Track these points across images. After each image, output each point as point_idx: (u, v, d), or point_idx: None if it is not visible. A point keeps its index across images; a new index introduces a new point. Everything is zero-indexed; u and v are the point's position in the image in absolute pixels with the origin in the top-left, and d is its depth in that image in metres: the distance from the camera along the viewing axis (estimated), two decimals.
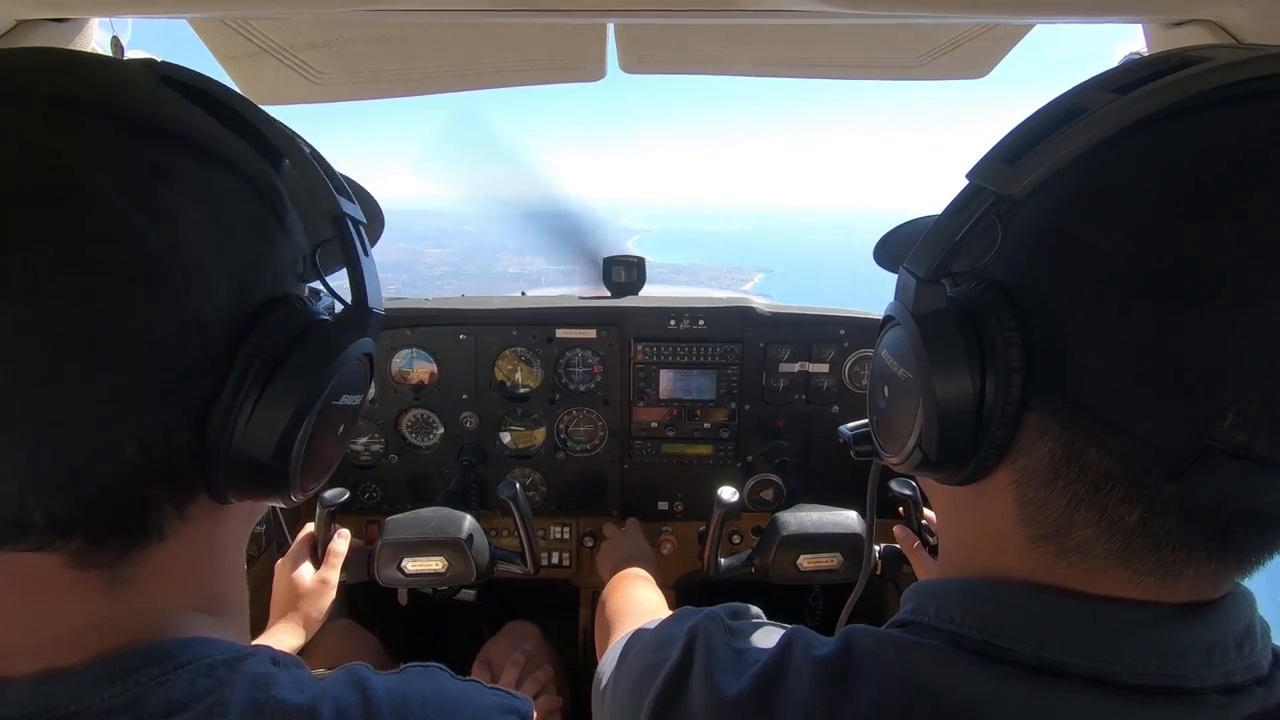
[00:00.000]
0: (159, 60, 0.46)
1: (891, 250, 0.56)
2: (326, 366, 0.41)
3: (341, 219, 0.44)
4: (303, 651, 1.11)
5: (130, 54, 0.84)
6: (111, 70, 0.40)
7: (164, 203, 0.36)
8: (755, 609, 0.57)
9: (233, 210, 0.39)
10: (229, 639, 0.42)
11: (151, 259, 0.34)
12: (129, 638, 0.38)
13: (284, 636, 1.05)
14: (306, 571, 1.10)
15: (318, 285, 0.48)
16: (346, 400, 0.44)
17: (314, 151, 0.46)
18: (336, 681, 0.43)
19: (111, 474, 0.35)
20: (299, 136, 0.46)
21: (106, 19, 0.78)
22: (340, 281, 0.47)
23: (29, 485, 0.34)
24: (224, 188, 0.39)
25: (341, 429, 0.46)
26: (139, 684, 0.36)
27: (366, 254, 0.46)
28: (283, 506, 0.45)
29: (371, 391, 0.51)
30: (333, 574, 1.10)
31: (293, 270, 0.44)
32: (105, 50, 0.81)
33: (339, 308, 0.46)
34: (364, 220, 0.47)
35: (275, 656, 0.42)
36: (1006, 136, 0.39)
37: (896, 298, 0.43)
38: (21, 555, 0.35)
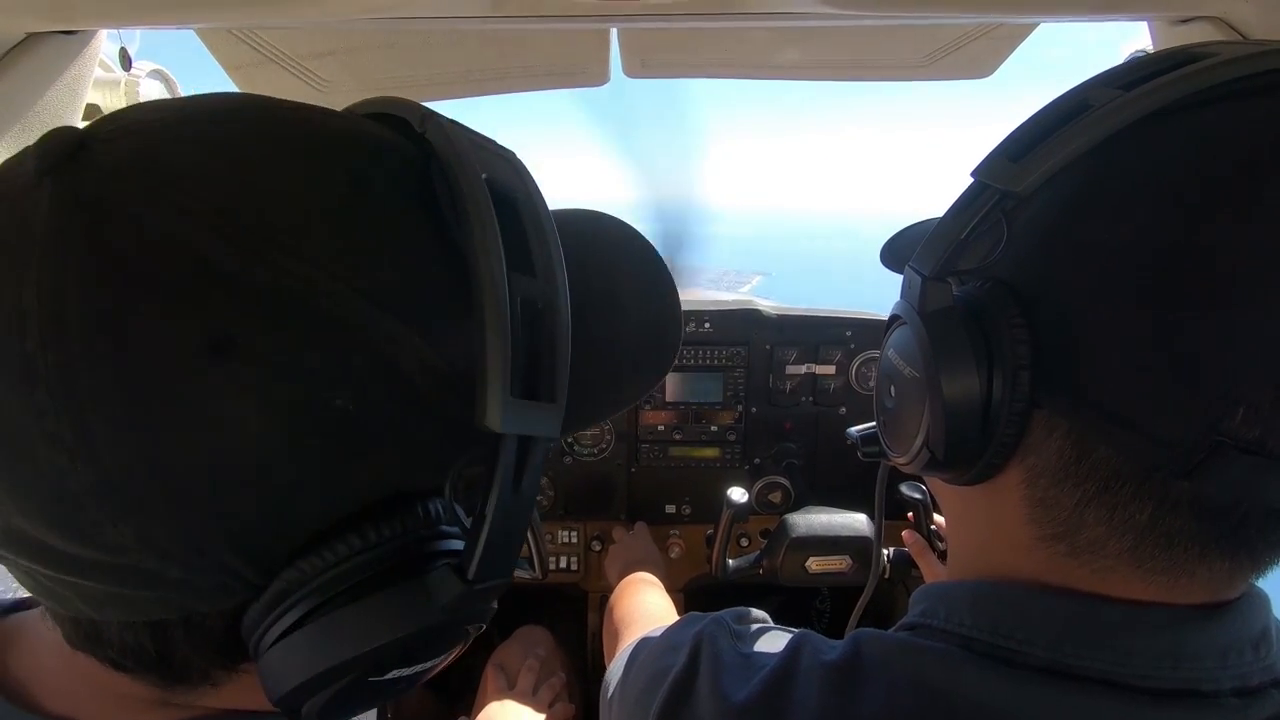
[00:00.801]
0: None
1: (898, 252, 0.56)
2: (361, 644, 0.29)
3: (496, 441, 0.29)
4: None
5: (138, 65, 0.85)
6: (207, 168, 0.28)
7: (214, 399, 0.26)
8: (761, 613, 0.56)
9: (319, 410, 0.28)
10: None
11: (165, 475, 0.26)
12: (206, 712, 0.36)
13: None
14: None
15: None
16: (405, 672, 0.33)
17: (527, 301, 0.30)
18: None
19: (130, 634, 0.31)
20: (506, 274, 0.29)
21: (115, 30, 0.79)
22: None
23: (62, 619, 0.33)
24: (316, 378, 0.28)
25: (402, 685, 0.34)
26: None
27: (520, 490, 0.30)
28: None
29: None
30: None
31: (438, 471, 0.32)
32: (113, 62, 0.82)
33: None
34: (552, 433, 0.31)
35: None
36: (1011, 134, 0.38)
37: (902, 297, 0.42)
38: None
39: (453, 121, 0.33)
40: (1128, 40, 0.80)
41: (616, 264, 0.43)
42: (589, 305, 0.38)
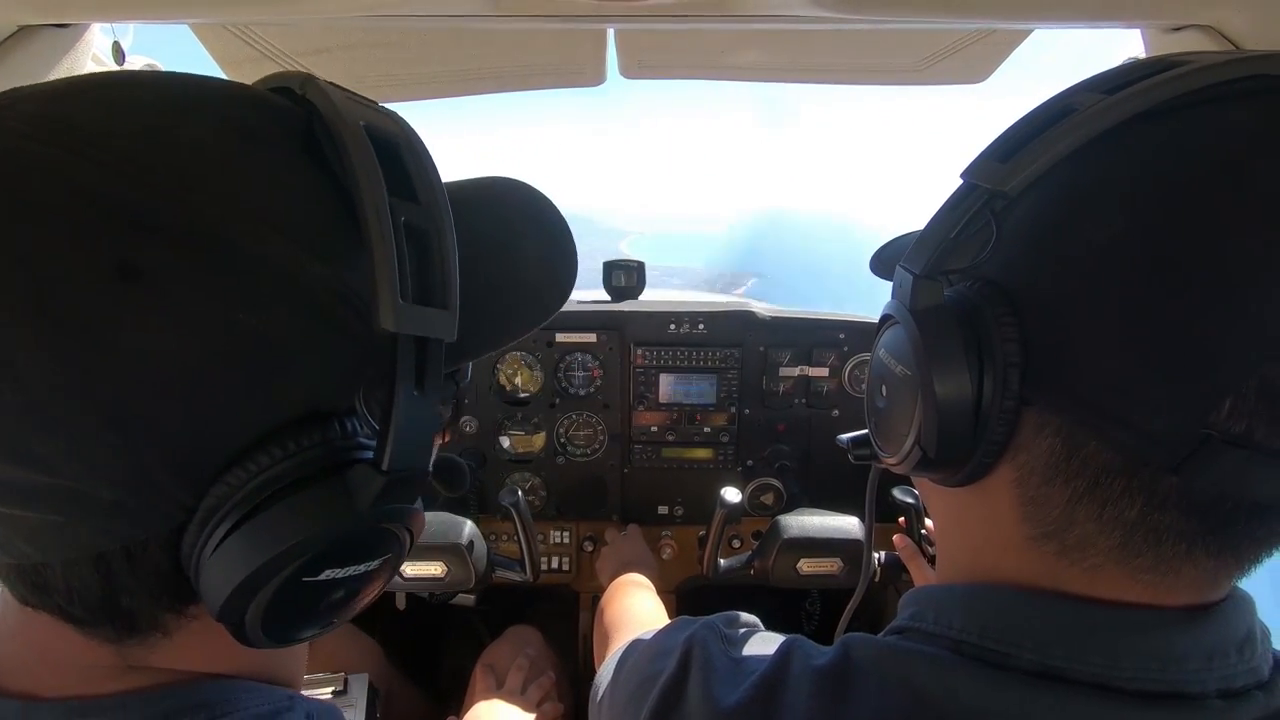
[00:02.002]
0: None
1: (888, 261, 0.57)
2: (290, 539, 0.32)
3: (394, 342, 0.32)
4: None
5: (131, 60, 0.84)
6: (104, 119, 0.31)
7: (128, 320, 0.29)
8: (751, 616, 0.57)
9: (231, 328, 0.30)
10: (268, 688, 0.40)
11: (82, 391, 0.29)
12: (160, 680, 0.36)
13: None
14: None
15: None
16: (338, 573, 0.35)
17: (411, 222, 0.33)
18: None
19: (74, 576, 0.32)
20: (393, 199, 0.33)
21: (108, 24, 0.78)
22: None
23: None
24: (223, 299, 0.30)
25: (341, 594, 0.37)
26: None
27: (424, 387, 0.33)
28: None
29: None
30: None
31: (349, 384, 0.35)
32: (106, 56, 0.81)
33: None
34: (447, 335, 0.34)
35: (311, 711, 0.40)
36: (1000, 136, 0.39)
37: (894, 296, 0.43)
38: None
39: (332, 84, 0.36)
40: (1123, 46, 0.81)
41: (511, 211, 0.48)
42: (486, 242, 0.43)
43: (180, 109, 0.33)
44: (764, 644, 0.49)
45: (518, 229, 0.47)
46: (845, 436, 0.68)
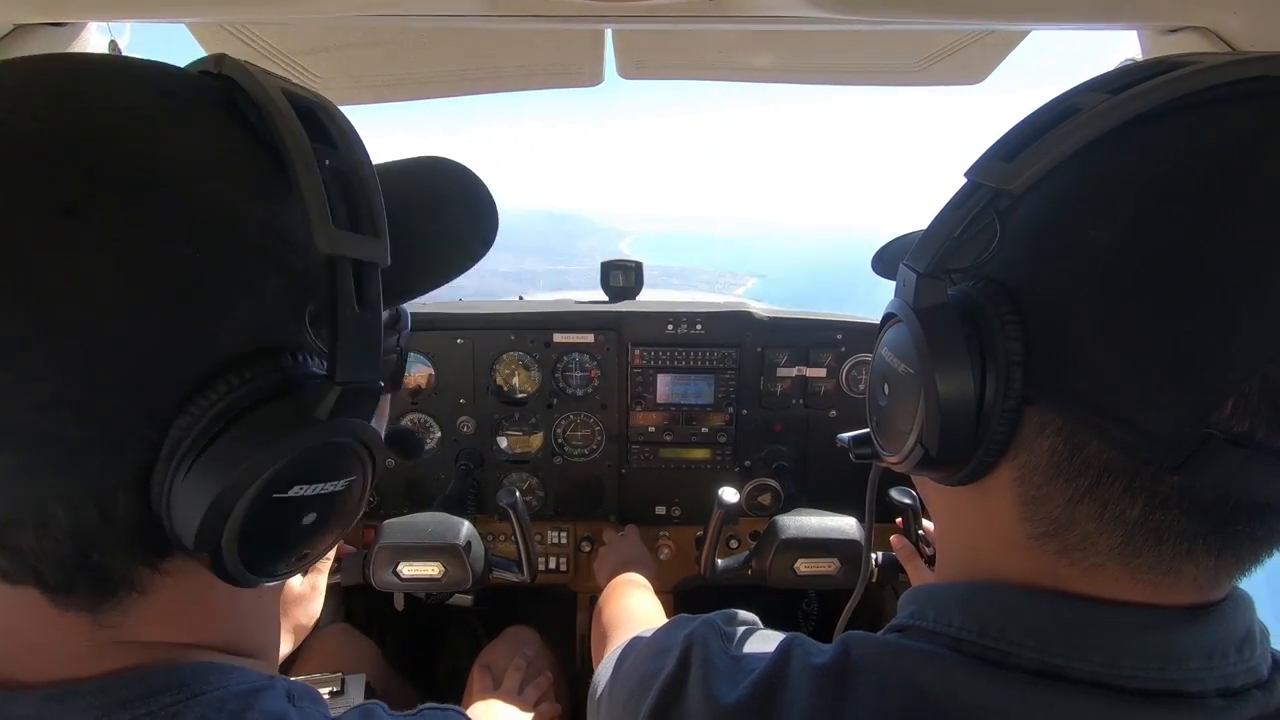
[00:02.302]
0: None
1: (890, 260, 0.57)
2: (256, 452, 0.34)
3: (331, 264, 0.35)
4: (295, 657, 1.09)
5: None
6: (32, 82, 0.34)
7: (72, 253, 0.30)
8: (749, 614, 0.56)
9: (172, 260, 0.32)
10: (247, 668, 0.40)
11: (46, 319, 0.30)
12: (139, 660, 0.37)
13: None
14: (295, 577, 1.08)
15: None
16: (306, 490, 0.37)
17: (336, 159, 0.37)
18: None
19: (45, 532, 0.32)
20: (319, 140, 0.37)
21: (104, 23, 0.78)
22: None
23: None
24: (161, 233, 0.32)
25: (313, 517, 0.38)
26: (149, 713, 0.35)
27: (364, 305, 0.36)
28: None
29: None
30: (321, 579, 1.09)
31: (294, 317, 0.36)
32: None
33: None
34: (379, 259, 0.37)
35: (291, 690, 0.41)
36: (1004, 136, 0.39)
37: (897, 295, 0.43)
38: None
39: (247, 62, 0.39)
40: (1120, 47, 0.81)
41: (438, 178, 0.53)
42: (415, 203, 0.47)
43: (107, 74, 0.36)
44: (764, 642, 0.49)
45: (443, 192, 0.52)
46: (846, 435, 0.68)
